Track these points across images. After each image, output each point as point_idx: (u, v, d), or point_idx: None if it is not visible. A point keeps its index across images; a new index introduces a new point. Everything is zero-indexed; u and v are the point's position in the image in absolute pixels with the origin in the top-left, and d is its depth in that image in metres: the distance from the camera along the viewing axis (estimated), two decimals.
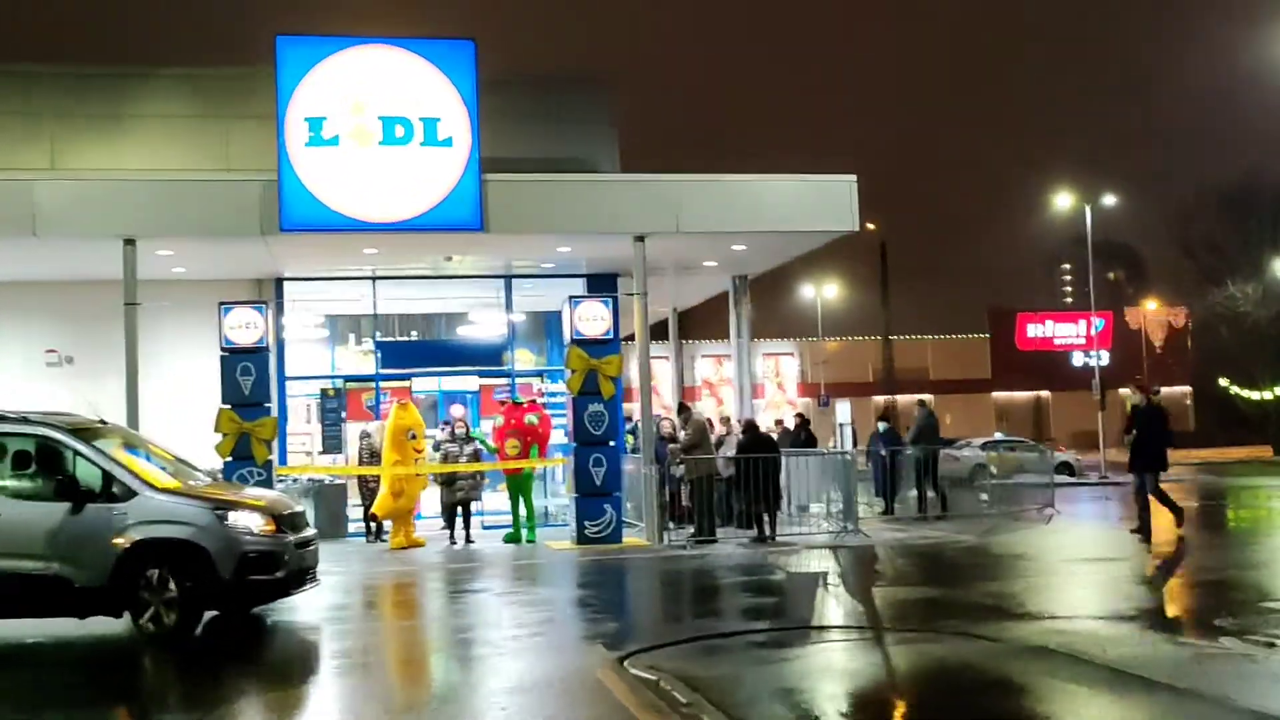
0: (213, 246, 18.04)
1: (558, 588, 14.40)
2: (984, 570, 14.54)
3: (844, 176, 18.77)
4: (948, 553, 16.10)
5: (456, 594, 13.85)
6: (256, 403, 17.17)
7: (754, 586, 13.74)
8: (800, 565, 15.01)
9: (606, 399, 17.94)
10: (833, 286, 73.85)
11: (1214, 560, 15.49)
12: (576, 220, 18.16)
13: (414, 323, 23.98)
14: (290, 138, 17.14)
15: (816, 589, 13.26)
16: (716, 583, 14.29)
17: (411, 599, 13.93)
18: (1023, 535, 18.23)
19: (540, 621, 11.68)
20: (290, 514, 11.72)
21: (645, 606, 13.33)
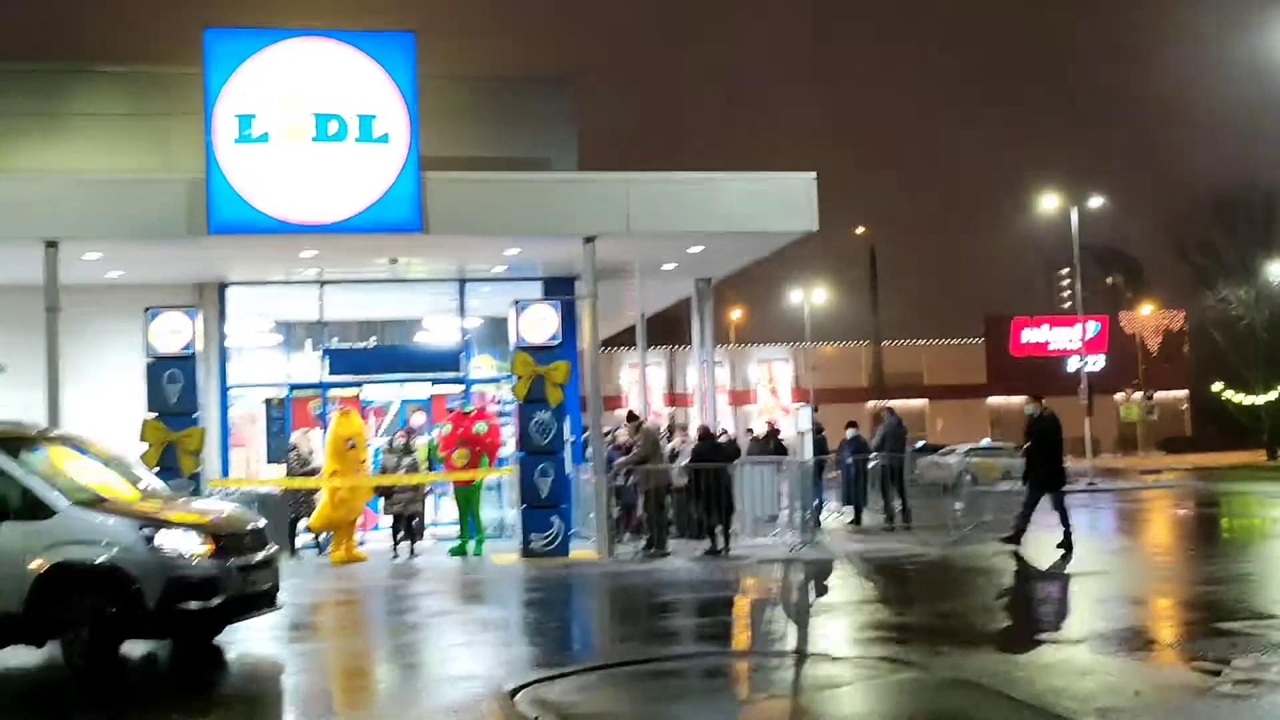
0: (143, 250, 17.30)
1: (489, 607, 13.64)
2: (938, 587, 13.79)
3: (803, 174, 18.03)
4: (905, 567, 15.31)
5: (378, 616, 13.09)
6: (184, 412, 16.39)
7: (689, 606, 12.99)
8: (745, 581, 14.25)
9: (554, 406, 17.17)
10: (822, 291, 73.11)
11: (1184, 576, 14.75)
12: (522, 220, 17.42)
13: (369, 329, 23.26)
14: (218, 135, 16.39)
15: (752, 609, 12.49)
16: (653, 601, 13.49)
17: (327, 622, 13.13)
18: (990, 547, 17.42)
19: (454, 645, 10.96)
20: (235, 533, 10.42)
21: (571, 628, 12.57)
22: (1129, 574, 14.96)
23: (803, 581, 14.36)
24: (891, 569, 15.06)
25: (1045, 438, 16.31)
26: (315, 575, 16.40)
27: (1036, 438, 16.36)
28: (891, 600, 12.80)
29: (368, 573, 16.47)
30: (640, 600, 13.62)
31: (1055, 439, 16.43)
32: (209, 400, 20.04)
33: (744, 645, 10.35)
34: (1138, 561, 16.58)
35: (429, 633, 11.74)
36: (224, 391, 20.17)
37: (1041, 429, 16.38)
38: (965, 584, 13.94)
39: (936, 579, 14.48)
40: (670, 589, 14.13)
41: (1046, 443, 16.29)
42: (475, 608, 13.52)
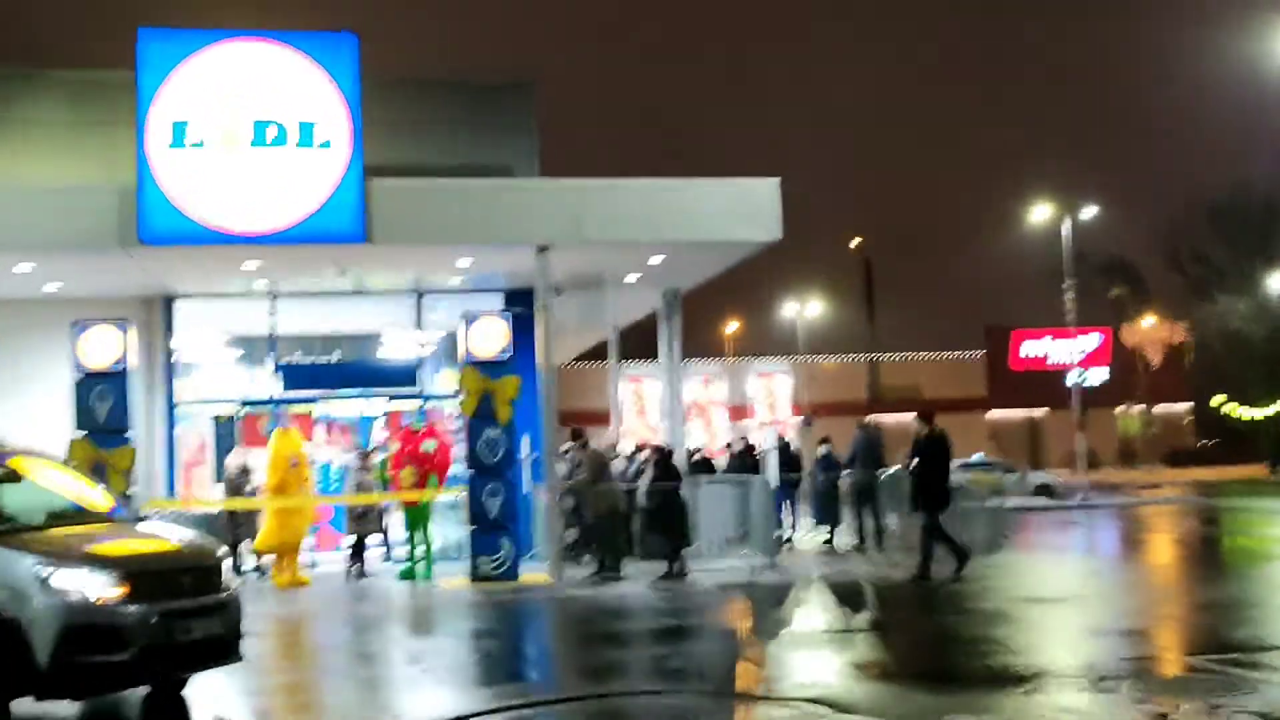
0: (75, 261, 16.61)
1: (419, 638, 12.90)
2: (897, 615, 13.00)
3: (765, 180, 17.32)
4: (863, 592, 14.52)
5: (305, 645, 12.34)
6: (114, 430, 15.65)
7: (624, 637, 12.20)
8: (689, 608, 13.47)
9: (503, 424, 16.42)
10: (818, 304, 72.36)
11: (1158, 602, 13.98)
12: (471, 230, 16.72)
13: (333, 344, 22.56)
14: (151, 141, 15.73)
15: (683, 639, 11.76)
16: (591, 630, 12.72)
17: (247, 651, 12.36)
18: (948, 568, 16.67)
19: (376, 680, 10.25)
20: (164, 571, 8.62)
21: (497, 661, 11.73)
22: (1103, 600, 14.15)
23: (752, 609, 13.70)
24: (851, 595, 14.28)
25: (932, 458, 15.55)
26: (254, 600, 15.64)
27: (924, 458, 15.56)
28: (844, 630, 12.03)
29: (308, 598, 15.76)
30: (577, 630, 12.88)
31: (943, 460, 15.69)
32: (155, 418, 19.40)
33: (669, 683, 9.57)
34: (1116, 585, 15.76)
35: (353, 665, 11.01)
36: (170, 408, 19.48)
37: (929, 449, 15.59)
38: (924, 611, 13.15)
39: (896, 606, 13.70)
40: (612, 617, 13.34)
41: (934, 463, 15.53)
42: (408, 638, 12.78)
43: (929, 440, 15.70)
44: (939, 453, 15.62)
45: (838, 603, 13.82)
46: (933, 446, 15.66)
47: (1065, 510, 33.48)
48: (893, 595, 14.31)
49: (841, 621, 12.60)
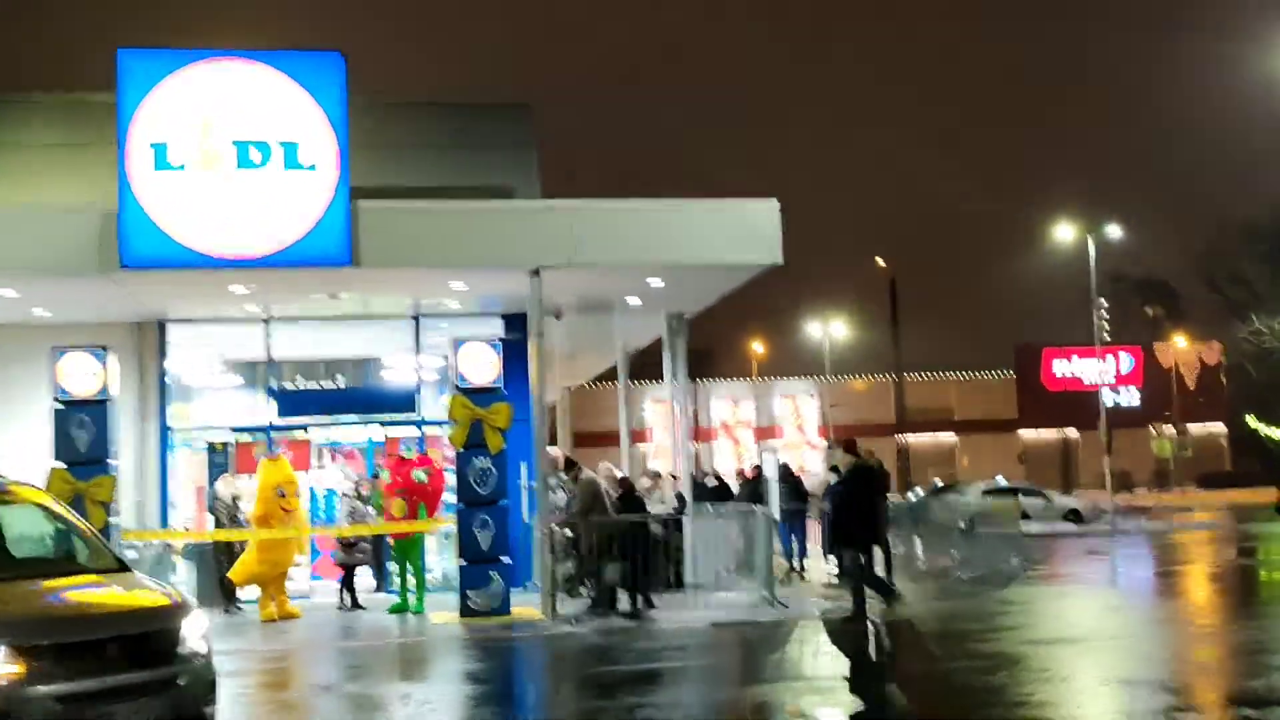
0: (59, 286, 16.27)
1: (388, 682, 12.31)
2: (888, 659, 12.38)
3: (764, 201, 16.77)
4: (863, 632, 13.89)
5: (263, 689, 11.83)
6: (93, 460, 15.26)
7: (599, 682, 11.61)
8: (663, 651, 12.85)
9: (494, 453, 15.92)
10: (843, 325, 71.66)
11: (1174, 646, 13.28)
12: (461, 253, 16.26)
13: (334, 368, 22.16)
14: (132, 163, 15.36)
15: (657, 687, 11.19)
16: (563, 673, 12.22)
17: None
18: (968, 604, 16.05)
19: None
20: (79, 643, 7.11)
21: (454, 712, 11.20)
22: (1131, 642, 13.42)
23: (725, 652, 13.10)
24: (850, 635, 13.64)
25: (857, 491, 14.71)
26: (232, 634, 15.23)
27: (847, 491, 14.74)
28: (838, 678, 11.42)
29: (287, 633, 15.30)
30: (552, 673, 12.36)
31: (869, 493, 14.78)
32: (147, 445, 19.03)
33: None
34: (1144, 624, 14.97)
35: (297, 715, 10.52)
36: (164, 434, 19.09)
37: (853, 482, 14.77)
38: (927, 656, 12.46)
39: (897, 648, 13.08)
40: (592, 659, 12.80)
41: (858, 497, 14.65)
42: (375, 684, 12.24)
43: (853, 472, 14.84)
44: (865, 485, 14.71)
45: (834, 645, 13.20)
46: (857, 478, 14.78)
47: (1091, 537, 32.60)
48: (894, 635, 13.68)
49: (835, 668, 11.98)
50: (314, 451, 19.96)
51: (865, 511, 14.59)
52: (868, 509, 14.66)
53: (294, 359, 20.63)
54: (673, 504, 18.18)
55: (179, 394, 19.62)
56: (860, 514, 14.52)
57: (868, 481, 14.88)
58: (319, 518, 18.90)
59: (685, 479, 20.36)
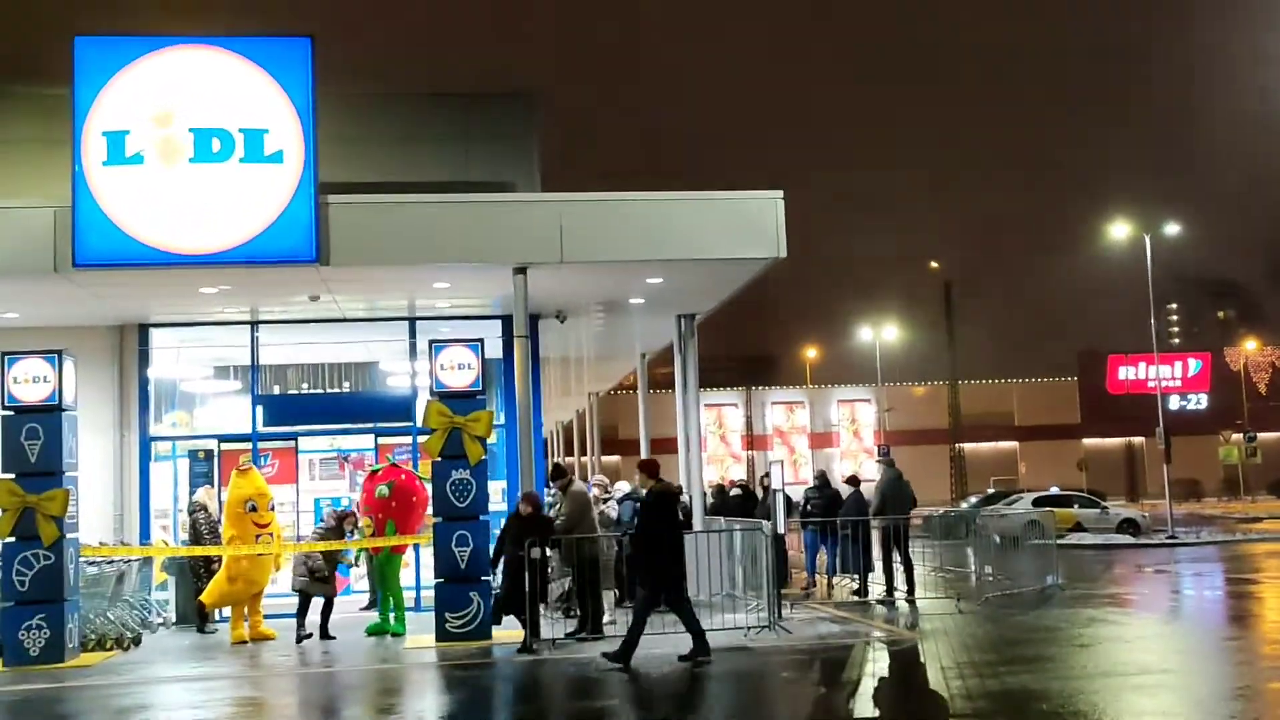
0: (14, 286, 15.40)
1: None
2: (898, 702, 11.06)
3: (766, 193, 15.55)
4: (865, 666, 12.56)
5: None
6: (45, 472, 14.34)
7: None
8: (617, 685, 11.63)
9: (473, 464, 14.80)
10: (899, 330, 69.96)
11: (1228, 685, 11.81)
12: (438, 249, 15.18)
13: (342, 373, 21.23)
14: (87, 156, 14.47)
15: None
16: (532, 709, 11.04)
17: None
18: (989, 628, 14.67)
19: None
20: None
21: None
22: (1196, 679, 11.98)
23: (693, 691, 11.85)
24: (849, 670, 12.31)
25: (655, 520, 12.75)
26: (189, 656, 14.29)
27: (646, 520, 12.89)
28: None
29: (249, 656, 14.29)
30: (521, 709, 11.18)
31: (668, 522, 12.79)
32: (127, 454, 18.15)
33: None
34: (1208, 655, 13.44)
35: None
36: (145, 444, 18.19)
37: (652, 510, 12.87)
38: (954, 693, 11.11)
39: (912, 688, 11.76)
40: (555, 694, 11.64)
41: (657, 526, 12.71)
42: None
43: (653, 499, 13.01)
44: (663, 514, 12.89)
45: (828, 684, 11.88)
46: (657, 506, 12.92)
47: (1148, 549, 30.85)
48: (907, 670, 12.31)
49: (823, 713, 10.67)
50: (303, 462, 18.99)
51: (667, 544, 12.75)
52: (669, 542, 12.74)
53: (282, 364, 19.75)
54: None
55: (162, 401, 18.77)
56: (663, 547, 12.71)
57: (669, 510, 13.00)
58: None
59: (695, 490, 19.14)
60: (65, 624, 14.07)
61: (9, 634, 13.96)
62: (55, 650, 13.91)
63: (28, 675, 13.18)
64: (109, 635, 15.07)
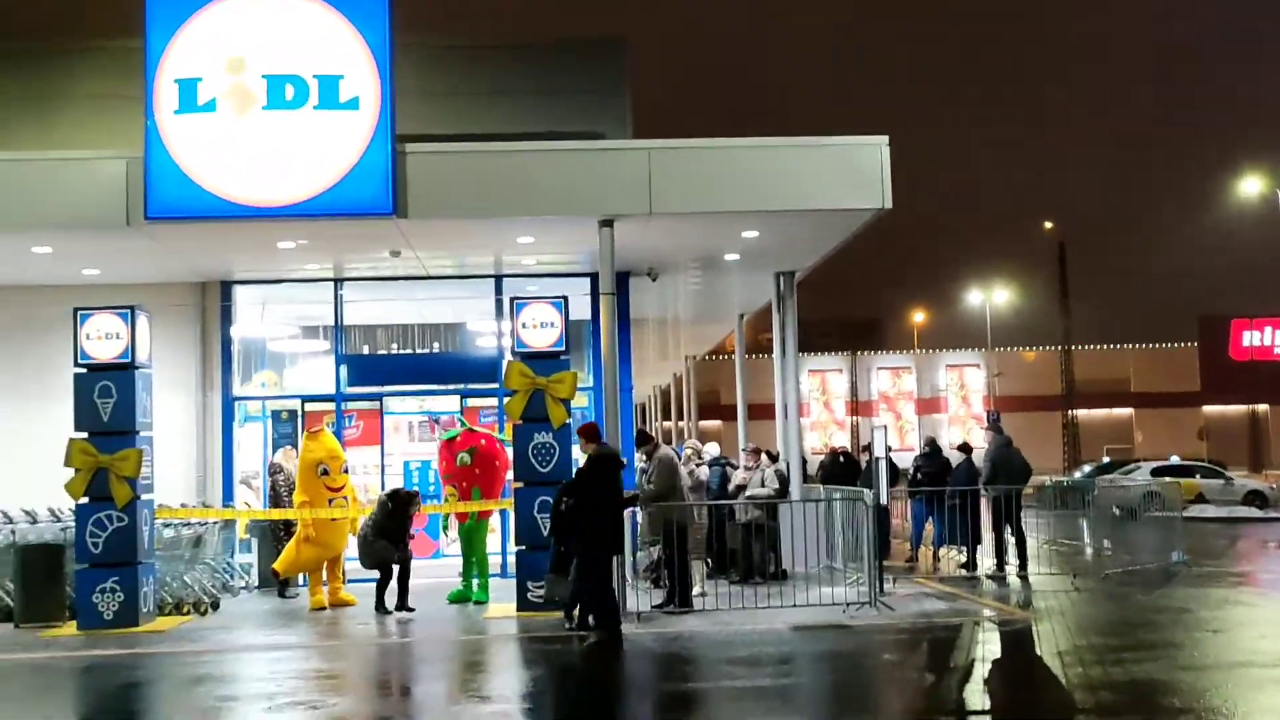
0: (90, 241, 15.01)
1: (362, 695, 10.67)
2: (1008, 686, 10.10)
3: (870, 138, 14.50)
4: (973, 648, 11.59)
5: (209, 693, 10.24)
6: (120, 431, 13.92)
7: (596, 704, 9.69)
8: (721, 664, 10.80)
9: (556, 427, 14.07)
10: (1009, 293, 67.84)
11: None
12: (520, 201, 14.42)
13: (432, 334, 20.67)
14: (159, 104, 13.97)
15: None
16: (606, 692, 10.31)
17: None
18: (1109, 608, 13.58)
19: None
20: None
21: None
22: None
23: (808, 666, 11.01)
24: (956, 652, 11.36)
25: (593, 486, 12.07)
26: (262, 623, 13.85)
27: (581, 485, 12.13)
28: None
29: (321, 624, 13.80)
30: (571, 692, 10.45)
31: (607, 487, 12.08)
32: (210, 415, 17.80)
33: None
34: None
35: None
36: (228, 404, 17.81)
37: (589, 475, 12.17)
38: (1071, 683, 10.11)
39: (1023, 670, 10.79)
40: (640, 670, 10.88)
41: (593, 492, 12.01)
42: (349, 693, 10.60)
43: (592, 463, 12.26)
44: (602, 478, 12.08)
45: (934, 668, 10.95)
46: (596, 471, 12.13)
47: (1276, 523, 29.18)
48: (1021, 655, 11.32)
49: (928, 701, 9.74)
50: (392, 424, 18.48)
51: (605, 510, 11.97)
52: (607, 508, 12.01)
53: (370, 324, 19.23)
54: (773, 485, 16.07)
55: (252, 360, 18.40)
56: (599, 513, 11.94)
57: (608, 474, 12.21)
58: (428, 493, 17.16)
59: (794, 457, 18.22)
60: (140, 587, 13.69)
61: (83, 597, 13.63)
62: (129, 614, 13.54)
63: (100, 639, 12.82)
64: (186, 599, 14.71)
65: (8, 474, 16.18)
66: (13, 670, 11.55)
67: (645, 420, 42.97)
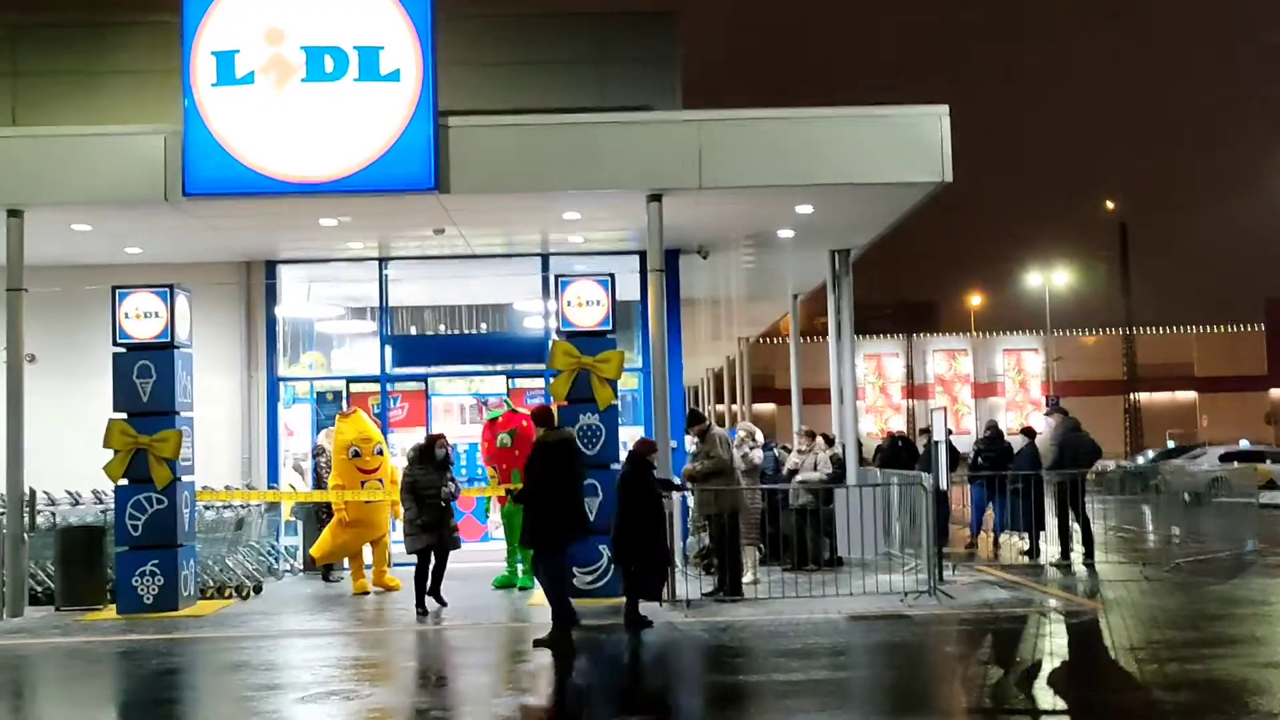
0: (129, 218, 14.74)
1: (397, 686, 10.29)
2: (1081, 685, 9.54)
3: (929, 108, 13.90)
4: (1031, 641, 11.01)
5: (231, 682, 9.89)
6: (160, 411, 13.65)
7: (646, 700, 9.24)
8: (774, 657, 10.30)
9: (603, 409, 13.64)
10: (1067, 274, 66.47)
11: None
12: (567, 175, 13.95)
13: (480, 314, 20.31)
14: (196, 78, 13.63)
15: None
16: (621, 689, 9.86)
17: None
18: (1182, 600, 12.94)
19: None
20: None
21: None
22: None
23: (867, 659, 10.50)
24: (1021, 646, 10.81)
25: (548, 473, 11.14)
26: (303, 607, 13.57)
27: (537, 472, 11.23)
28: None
29: (365, 609, 13.52)
30: (617, 687, 10.01)
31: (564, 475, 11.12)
32: (254, 396, 17.54)
33: None
34: None
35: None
36: (273, 384, 17.55)
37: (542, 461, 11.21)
38: (1148, 682, 9.53)
39: (1091, 666, 10.23)
40: (688, 661, 10.43)
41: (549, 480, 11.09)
42: (386, 682, 10.21)
43: (536, 449, 11.47)
44: (557, 465, 11.23)
45: (999, 661, 10.41)
46: (553, 454, 11.31)
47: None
48: (1090, 648, 10.73)
49: (995, 699, 9.19)
50: (439, 406, 18.14)
51: (561, 499, 11.09)
52: (563, 497, 11.14)
53: (417, 305, 18.89)
54: (826, 470, 15.56)
55: (300, 341, 18.14)
56: (555, 503, 11.09)
57: (557, 462, 11.26)
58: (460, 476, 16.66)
59: (850, 440, 17.70)
60: (179, 571, 13.43)
61: (123, 580, 13.40)
62: (169, 597, 13.29)
63: (139, 624, 12.57)
64: (228, 583, 14.45)
65: (57, 456, 15.95)
66: (49, 654, 11.35)
67: (698, 404, 42.48)
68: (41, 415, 16.98)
